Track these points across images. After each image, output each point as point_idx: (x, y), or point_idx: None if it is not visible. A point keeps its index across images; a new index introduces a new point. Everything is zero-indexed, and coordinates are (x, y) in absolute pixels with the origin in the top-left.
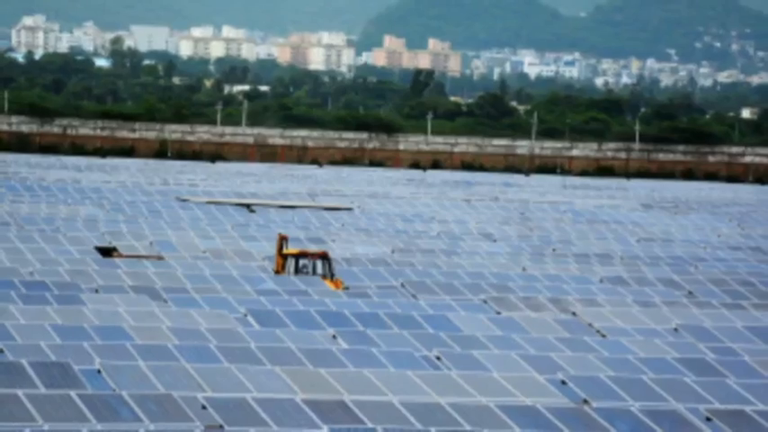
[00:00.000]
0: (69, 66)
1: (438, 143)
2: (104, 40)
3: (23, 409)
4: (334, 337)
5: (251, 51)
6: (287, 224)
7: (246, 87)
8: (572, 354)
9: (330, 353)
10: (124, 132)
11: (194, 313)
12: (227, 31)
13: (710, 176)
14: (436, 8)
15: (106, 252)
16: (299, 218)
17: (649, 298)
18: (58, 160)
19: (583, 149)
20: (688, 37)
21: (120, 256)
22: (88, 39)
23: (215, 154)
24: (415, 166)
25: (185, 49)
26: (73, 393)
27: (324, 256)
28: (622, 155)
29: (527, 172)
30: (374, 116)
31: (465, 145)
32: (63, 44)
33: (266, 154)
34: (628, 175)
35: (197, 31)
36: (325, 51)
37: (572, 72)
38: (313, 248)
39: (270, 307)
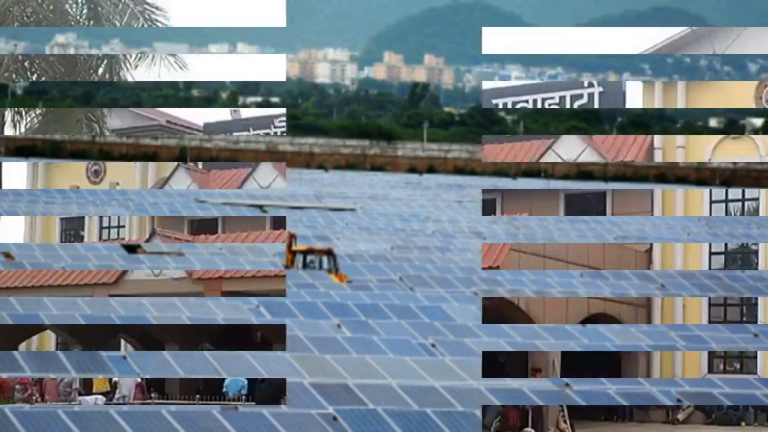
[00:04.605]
0: None
1: (433, 149)
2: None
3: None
4: (338, 325)
5: None
6: (296, 223)
7: (259, 99)
8: (555, 341)
9: (335, 340)
10: (147, 140)
11: (211, 304)
12: (242, 48)
13: (681, 180)
14: (431, 27)
15: (131, 249)
16: (306, 217)
17: (625, 290)
18: None
19: None
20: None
21: (144, 252)
22: None
23: (230, 159)
24: (412, 170)
25: None
26: (101, 377)
27: (329, 253)
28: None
29: (514, 176)
30: (375, 125)
31: (457, 151)
32: None
33: (277, 159)
34: (605, 178)
35: (214, 48)
36: (331, 66)
37: None
38: (319, 245)
39: (280, 298)
